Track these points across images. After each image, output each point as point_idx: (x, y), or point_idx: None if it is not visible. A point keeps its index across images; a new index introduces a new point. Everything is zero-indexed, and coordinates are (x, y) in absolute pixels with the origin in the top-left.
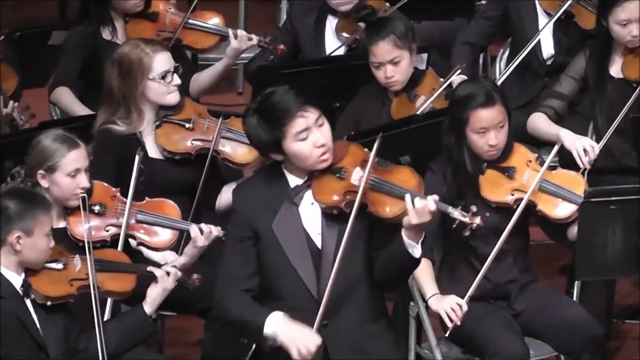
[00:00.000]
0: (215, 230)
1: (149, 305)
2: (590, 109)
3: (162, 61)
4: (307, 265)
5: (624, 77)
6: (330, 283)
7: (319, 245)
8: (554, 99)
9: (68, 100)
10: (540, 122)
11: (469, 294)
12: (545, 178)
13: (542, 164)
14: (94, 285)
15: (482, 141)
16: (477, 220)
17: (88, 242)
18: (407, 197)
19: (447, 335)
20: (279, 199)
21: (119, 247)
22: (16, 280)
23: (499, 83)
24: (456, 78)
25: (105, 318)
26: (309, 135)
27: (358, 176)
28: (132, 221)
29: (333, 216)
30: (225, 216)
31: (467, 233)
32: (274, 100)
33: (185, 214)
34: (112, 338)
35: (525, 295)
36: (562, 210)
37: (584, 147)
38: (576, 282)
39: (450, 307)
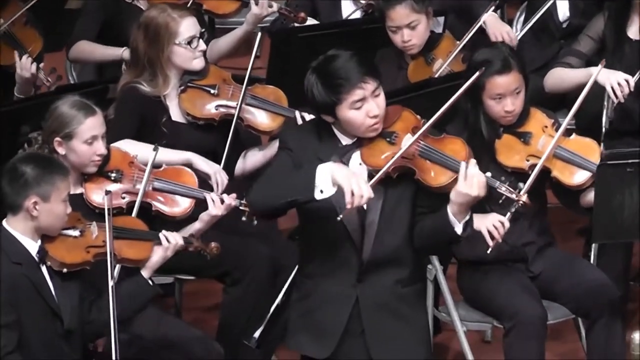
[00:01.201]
0: (232, 200)
1: (148, 269)
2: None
3: (188, 26)
4: (355, 221)
5: None
6: (372, 241)
7: (364, 206)
8: (572, 56)
9: (88, 48)
10: (563, 71)
11: (508, 215)
12: (561, 144)
13: (558, 129)
14: (111, 253)
15: (498, 107)
16: (524, 197)
17: (108, 209)
18: (463, 164)
19: (488, 252)
20: (329, 152)
21: (134, 214)
22: (32, 246)
23: (514, 46)
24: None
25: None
26: (364, 105)
27: (408, 142)
28: (149, 188)
29: (380, 178)
30: (244, 182)
31: (512, 209)
32: (336, 65)
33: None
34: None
35: (543, 258)
36: (576, 177)
37: (618, 80)
38: (593, 245)
39: (493, 224)
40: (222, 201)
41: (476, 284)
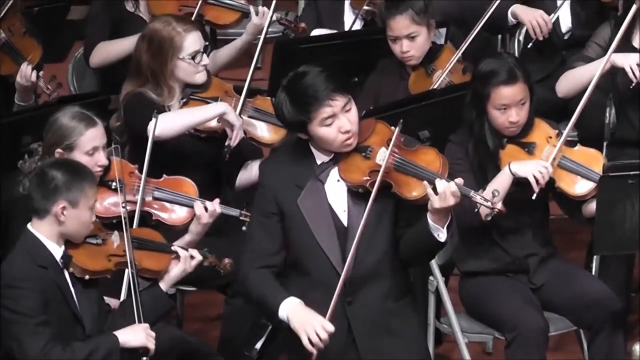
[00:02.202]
0: (217, 206)
1: (166, 282)
2: (610, 80)
3: (193, 41)
4: (333, 242)
5: None
6: (349, 261)
7: (345, 223)
8: (581, 61)
9: (109, 48)
10: (576, 70)
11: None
12: (565, 155)
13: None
14: (131, 263)
15: (502, 118)
16: (499, 205)
17: (124, 218)
18: (426, 184)
19: (534, 198)
20: (305, 176)
21: (135, 222)
22: (57, 251)
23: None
24: None
25: (122, 297)
26: (335, 121)
27: (383, 156)
28: (149, 198)
29: (359, 194)
30: (245, 193)
31: (488, 218)
32: (304, 83)
33: (207, 189)
34: (131, 317)
35: (545, 270)
36: (580, 187)
37: (636, 62)
38: (595, 257)
39: (538, 170)
40: (207, 209)
41: (478, 295)
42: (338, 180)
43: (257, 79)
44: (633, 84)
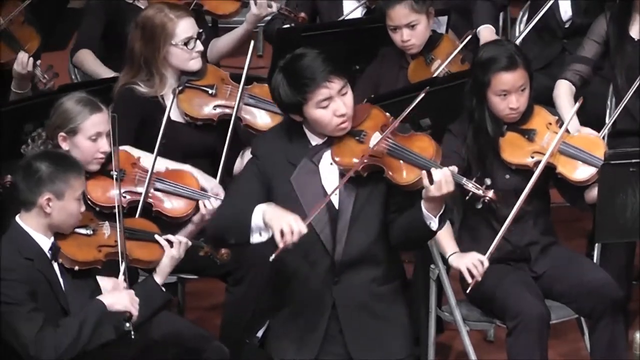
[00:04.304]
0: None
1: (159, 274)
2: (610, 70)
3: (185, 27)
4: (324, 222)
5: None
6: (339, 241)
7: (336, 205)
8: (578, 63)
9: (91, 62)
10: (560, 100)
11: (489, 251)
12: (566, 141)
13: (562, 126)
14: (122, 253)
15: (503, 104)
16: (490, 193)
17: (118, 207)
18: (423, 173)
19: (468, 292)
20: (298, 154)
21: (137, 215)
22: (45, 242)
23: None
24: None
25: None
26: (330, 104)
27: (375, 140)
28: (151, 189)
29: (351, 177)
30: None
31: (479, 205)
32: (302, 65)
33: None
34: None
35: (546, 258)
36: (581, 172)
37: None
38: (596, 245)
39: (472, 262)
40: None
41: (479, 283)
42: (331, 163)
43: (259, 67)
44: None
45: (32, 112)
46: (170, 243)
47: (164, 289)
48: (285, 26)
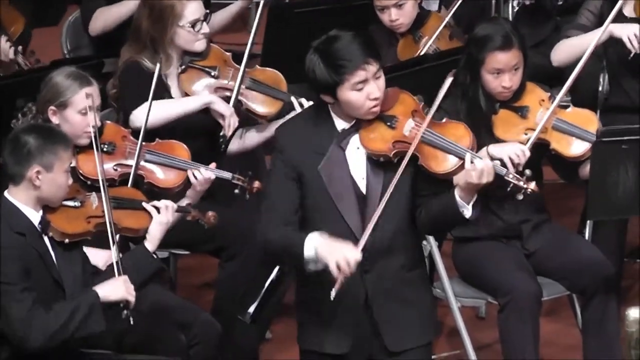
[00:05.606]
0: (212, 172)
1: (149, 241)
2: (602, 47)
3: (193, 10)
4: (352, 209)
5: (637, 17)
6: (369, 228)
7: (364, 191)
8: (575, 29)
9: (107, 14)
10: (572, 40)
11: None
12: (559, 116)
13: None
14: (110, 222)
15: (496, 82)
16: (532, 185)
17: (102, 180)
18: (468, 156)
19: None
20: (324, 142)
21: (129, 186)
22: (34, 216)
23: None
24: None
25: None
26: (365, 87)
27: (410, 127)
28: (141, 161)
29: (378, 163)
30: (238, 158)
31: (520, 197)
32: (339, 46)
33: (202, 157)
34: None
35: (538, 235)
36: (575, 148)
37: (634, 32)
38: (588, 222)
39: (515, 152)
40: (200, 175)
41: (471, 260)
42: (358, 148)
43: (255, 44)
44: (631, 55)
45: (24, 87)
46: (157, 209)
47: (155, 255)
48: None
